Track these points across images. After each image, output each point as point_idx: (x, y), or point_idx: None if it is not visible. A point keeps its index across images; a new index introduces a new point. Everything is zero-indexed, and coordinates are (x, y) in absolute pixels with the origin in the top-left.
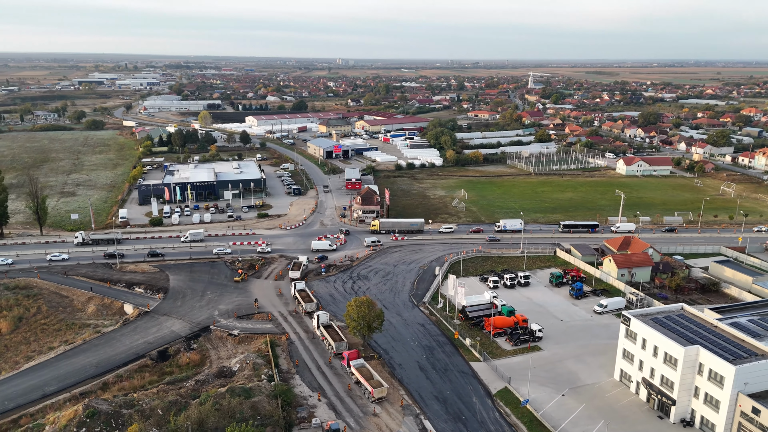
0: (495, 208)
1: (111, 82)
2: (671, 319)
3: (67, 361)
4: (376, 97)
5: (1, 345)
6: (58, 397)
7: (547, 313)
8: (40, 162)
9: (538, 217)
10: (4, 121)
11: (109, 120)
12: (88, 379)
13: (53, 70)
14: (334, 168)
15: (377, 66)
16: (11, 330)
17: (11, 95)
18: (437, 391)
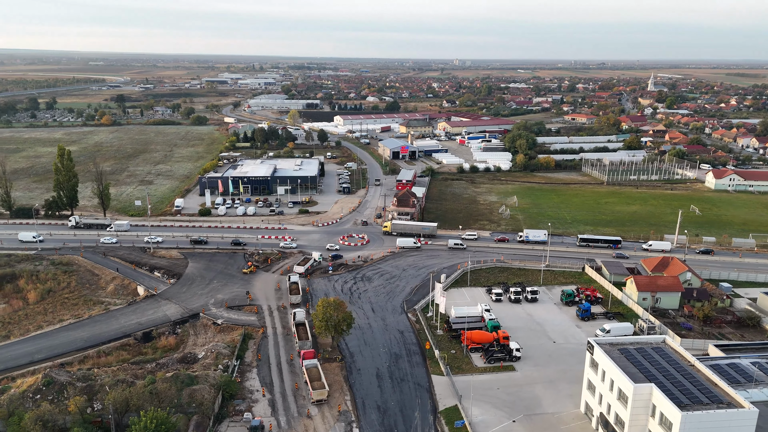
0: (544, 217)
1: (234, 82)
2: (643, 352)
3: (65, 333)
4: (473, 98)
5: (22, 313)
6: (42, 365)
7: (542, 332)
8: (139, 152)
9: (586, 229)
10: (127, 115)
11: (214, 116)
12: (73, 351)
13: (191, 71)
14: (395, 168)
15: (493, 67)
16: (37, 300)
17: (146, 92)
18: (382, 401)
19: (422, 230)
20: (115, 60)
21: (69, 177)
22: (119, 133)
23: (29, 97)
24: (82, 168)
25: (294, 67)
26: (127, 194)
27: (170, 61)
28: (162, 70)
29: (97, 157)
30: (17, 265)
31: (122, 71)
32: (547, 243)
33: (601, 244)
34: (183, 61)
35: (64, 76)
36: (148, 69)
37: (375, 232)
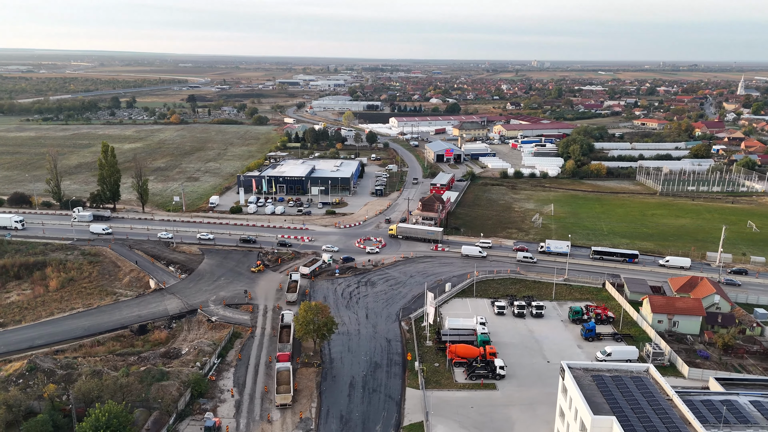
0: (579, 228)
1: (306, 83)
2: (618, 381)
3: (70, 321)
4: (540, 101)
5: (40, 300)
6: (38, 350)
7: (538, 350)
8: (196, 150)
9: (623, 242)
10: (196, 114)
11: (276, 117)
12: (70, 339)
13: (269, 72)
14: (435, 172)
15: (573, 68)
16: (57, 288)
17: (221, 93)
18: (348, 411)
19: (427, 234)
20: (203, 62)
21: (112, 172)
22: (184, 131)
23: (112, 96)
24: (138, 163)
25: (368, 69)
26: (171, 190)
27: (253, 62)
28: (243, 72)
29: (156, 154)
30: (51, 253)
31: (207, 72)
32: (568, 255)
33: (616, 257)
34: (264, 63)
35: (151, 77)
36: (230, 71)
37: None
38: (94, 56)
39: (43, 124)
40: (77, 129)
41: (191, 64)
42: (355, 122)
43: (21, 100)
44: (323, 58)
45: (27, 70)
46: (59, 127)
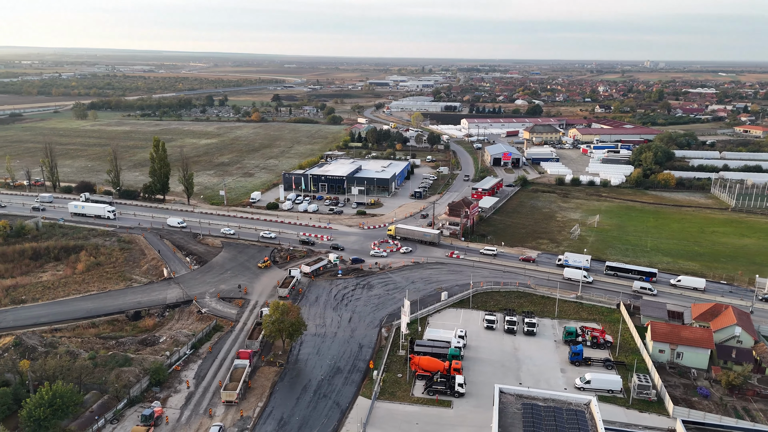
0: (619, 242)
1: (395, 84)
2: (550, 412)
3: (79, 302)
4: (634, 104)
5: (65, 281)
6: (40, 327)
7: (514, 370)
8: (263, 147)
9: (664, 260)
10: (278, 113)
11: (352, 117)
12: (71, 319)
13: (366, 73)
14: (485, 175)
15: (691, 69)
16: (83, 271)
17: (312, 92)
18: (288, 415)
19: (423, 236)
20: (306, 63)
21: (162, 165)
22: (260, 129)
23: (207, 95)
24: (205, 158)
25: (464, 70)
26: (224, 184)
27: (353, 63)
28: (341, 73)
29: (225, 150)
30: (92, 238)
31: (307, 73)
32: (588, 269)
33: (631, 275)
34: (363, 64)
35: (252, 77)
36: (330, 71)
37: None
38: (210, 58)
39: (140, 120)
40: (167, 125)
41: (295, 65)
42: (426, 123)
43: (129, 98)
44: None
45: (148, 70)
46: (152, 123)
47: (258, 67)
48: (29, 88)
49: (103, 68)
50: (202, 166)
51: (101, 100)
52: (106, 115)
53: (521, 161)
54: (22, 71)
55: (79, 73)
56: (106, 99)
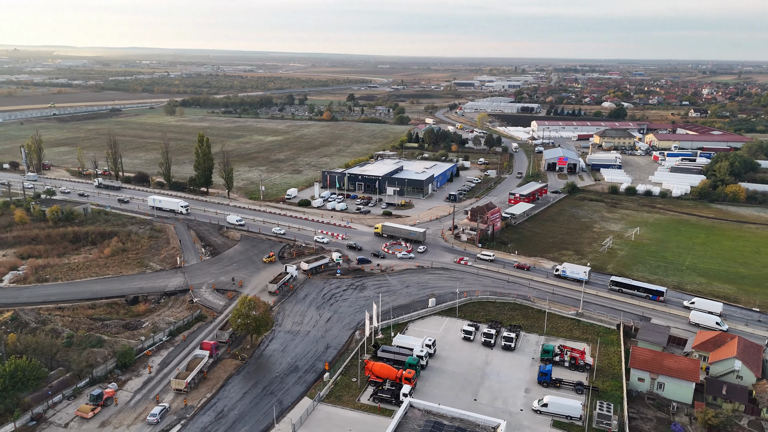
0: (652, 258)
1: (481, 84)
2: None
3: (90, 284)
4: (736, 108)
5: (89, 263)
6: (48, 305)
7: (475, 385)
8: (323, 145)
9: (698, 281)
10: (350, 112)
11: (420, 117)
12: (76, 299)
13: (457, 73)
14: (534, 180)
15: None
16: (108, 255)
17: (393, 92)
18: (229, 409)
19: (409, 234)
20: (400, 63)
21: (205, 160)
22: (327, 128)
23: (288, 94)
24: (264, 155)
25: (560, 70)
26: (270, 180)
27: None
28: (431, 73)
29: (285, 147)
30: (129, 225)
31: (398, 73)
32: (587, 282)
33: (638, 292)
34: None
35: (341, 77)
36: (421, 71)
37: (433, 244)
38: (310, 58)
39: (221, 117)
40: (243, 122)
41: (389, 66)
42: (494, 124)
43: (217, 96)
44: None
45: (248, 70)
46: (231, 120)
47: (352, 68)
48: (136, 85)
49: (209, 68)
50: (257, 162)
51: (192, 97)
52: (193, 111)
53: (579, 167)
54: (137, 70)
55: (186, 72)
56: (197, 97)
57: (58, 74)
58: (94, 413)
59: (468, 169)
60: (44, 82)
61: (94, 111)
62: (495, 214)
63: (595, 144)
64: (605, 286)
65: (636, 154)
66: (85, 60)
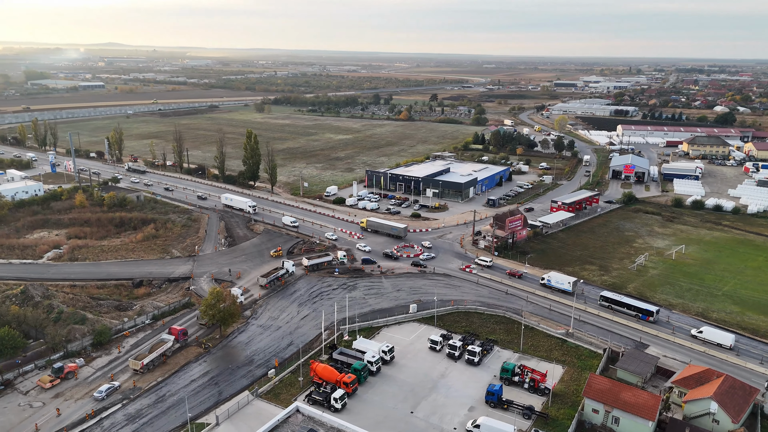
0: (686, 280)
1: (584, 85)
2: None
3: (109, 266)
4: None
5: (119, 246)
6: (64, 282)
7: (421, 396)
8: (387, 145)
9: (728, 309)
10: (431, 112)
11: (499, 119)
12: (90, 279)
13: (565, 73)
14: (591, 188)
15: None
16: (140, 240)
17: (486, 93)
18: (171, 395)
19: (391, 230)
20: (506, 63)
21: (253, 155)
22: (400, 128)
23: (374, 94)
24: (326, 152)
25: (684, 70)
26: (320, 176)
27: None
28: (537, 73)
29: (350, 146)
30: (171, 214)
31: (502, 73)
32: (572, 295)
33: (628, 310)
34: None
35: (438, 77)
36: (526, 71)
37: (447, 249)
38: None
39: (305, 115)
40: (323, 120)
41: (494, 65)
42: (578, 127)
43: (307, 95)
44: (641, 59)
45: (352, 70)
46: (312, 118)
47: (456, 68)
48: (240, 84)
49: (316, 68)
50: (317, 159)
51: (284, 96)
52: (281, 109)
53: (647, 176)
54: (250, 70)
55: (292, 72)
56: (289, 95)
57: (180, 73)
58: (52, 384)
59: (525, 173)
60: (165, 80)
61: (194, 107)
62: (515, 221)
63: (682, 152)
64: (589, 300)
65: (727, 164)
66: (210, 60)
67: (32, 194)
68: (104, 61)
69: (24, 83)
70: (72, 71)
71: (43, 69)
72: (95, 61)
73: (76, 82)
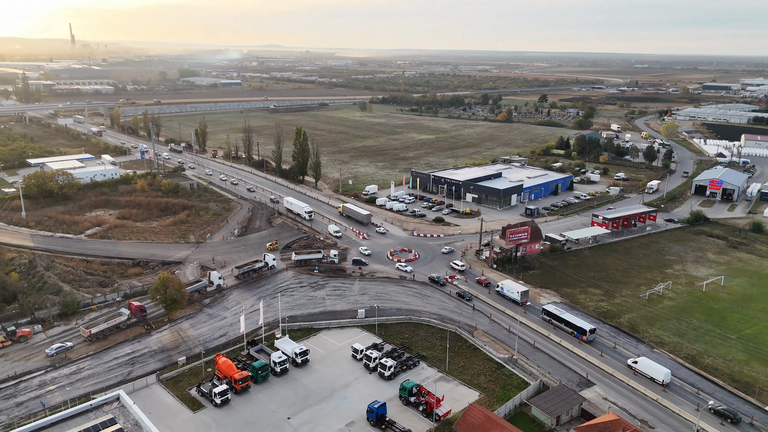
0: (697, 319)
1: (742, 88)
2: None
3: (122, 246)
4: None
5: (146, 228)
6: (80, 257)
7: (308, 403)
8: (469, 146)
9: (730, 356)
10: (536, 114)
11: (607, 122)
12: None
13: (727, 74)
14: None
15: None
16: (168, 224)
17: (616, 95)
18: (88, 369)
19: (357, 215)
20: (661, 62)
21: (302, 151)
22: (490, 129)
23: (483, 94)
24: (396, 152)
25: None
26: (373, 175)
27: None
28: (694, 74)
29: (425, 146)
30: (210, 202)
31: (653, 73)
32: (521, 305)
33: (564, 327)
34: (737, 65)
35: (569, 77)
36: (681, 72)
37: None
38: (559, 58)
39: (404, 114)
40: (418, 120)
41: (647, 65)
42: (694, 135)
43: (414, 94)
44: None
45: (482, 70)
46: (408, 117)
47: (602, 67)
48: (360, 83)
49: (448, 68)
50: (383, 157)
51: (391, 95)
52: (384, 108)
53: (739, 193)
54: (380, 70)
55: (420, 72)
56: (396, 94)
57: (315, 72)
58: (2, 345)
59: (595, 183)
60: (297, 78)
61: (306, 104)
62: (519, 233)
63: None
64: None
65: None
66: (351, 60)
67: (109, 177)
68: (257, 61)
69: (177, 80)
70: (224, 70)
71: (204, 68)
72: (250, 61)
73: (218, 79)
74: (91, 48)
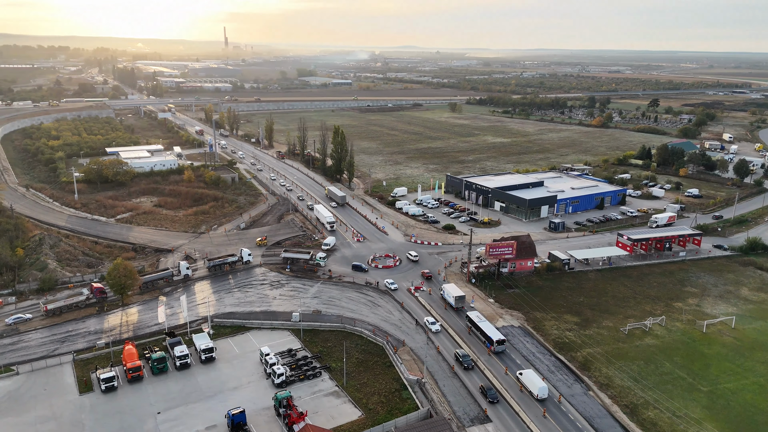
0: (671, 363)
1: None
2: None
3: (131, 231)
4: None
5: (167, 216)
6: (93, 238)
7: (178, 401)
8: (541, 151)
9: (680, 413)
10: (641, 119)
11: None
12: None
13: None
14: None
15: None
16: (189, 214)
17: (753, 101)
18: (33, 338)
19: (335, 197)
20: None
21: (339, 150)
22: (577, 134)
23: (589, 97)
24: (458, 155)
25: None
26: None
27: None
28: None
29: (492, 150)
30: (240, 196)
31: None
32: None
33: (480, 336)
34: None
35: (710, 79)
36: None
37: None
38: (713, 58)
39: (493, 116)
40: (506, 122)
41: None
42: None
43: (514, 96)
44: None
45: (614, 71)
46: (497, 119)
47: (763, 70)
48: (465, 84)
49: (577, 68)
50: (438, 160)
51: (489, 96)
52: (476, 109)
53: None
54: (501, 70)
55: (542, 72)
56: (494, 96)
57: (433, 73)
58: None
59: (658, 198)
60: (409, 79)
61: (401, 104)
62: (501, 248)
63: None
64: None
65: None
66: (476, 60)
67: (167, 168)
68: (382, 61)
69: (294, 79)
70: (345, 70)
71: (329, 68)
72: (376, 62)
73: (330, 79)
74: (241, 49)
